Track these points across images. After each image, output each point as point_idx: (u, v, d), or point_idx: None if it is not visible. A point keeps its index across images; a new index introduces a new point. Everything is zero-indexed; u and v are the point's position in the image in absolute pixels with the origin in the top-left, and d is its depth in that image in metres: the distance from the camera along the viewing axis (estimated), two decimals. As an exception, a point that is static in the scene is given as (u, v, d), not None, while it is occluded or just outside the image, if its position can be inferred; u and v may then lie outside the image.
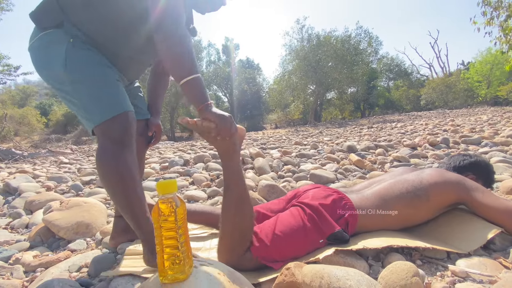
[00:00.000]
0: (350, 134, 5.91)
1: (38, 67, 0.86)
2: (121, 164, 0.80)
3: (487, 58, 18.28)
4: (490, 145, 2.99)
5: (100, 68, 0.83)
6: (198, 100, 0.78)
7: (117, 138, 0.81)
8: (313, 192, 0.99)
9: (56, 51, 0.81)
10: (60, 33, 0.82)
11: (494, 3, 5.30)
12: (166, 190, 0.53)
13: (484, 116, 7.64)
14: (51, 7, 0.84)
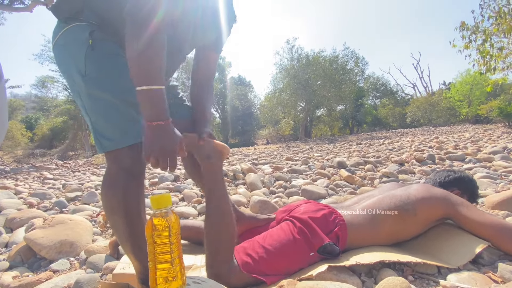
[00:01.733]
0: (339, 150, 6.00)
1: (60, 69, 0.81)
2: (129, 197, 0.74)
3: (467, 79, 19.31)
4: (473, 161, 3.10)
5: (122, 82, 0.73)
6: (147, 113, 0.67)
7: (129, 168, 0.74)
8: (304, 207, 1.00)
9: (77, 56, 0.74)
10: (81, 29, 0.75)
11: (472, 28, 5.68)
12: (160, 204, 0.53)
13: (466, 133, 7.96)
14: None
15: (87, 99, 0.75)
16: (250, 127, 21.57)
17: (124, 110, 0.74)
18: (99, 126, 0.75)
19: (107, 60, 0.75)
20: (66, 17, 0.77)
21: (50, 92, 24.62)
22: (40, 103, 23.78)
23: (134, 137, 0.75)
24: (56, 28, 0.80)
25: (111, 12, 0.77)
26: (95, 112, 0.75)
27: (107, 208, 0.78)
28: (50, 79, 17.52)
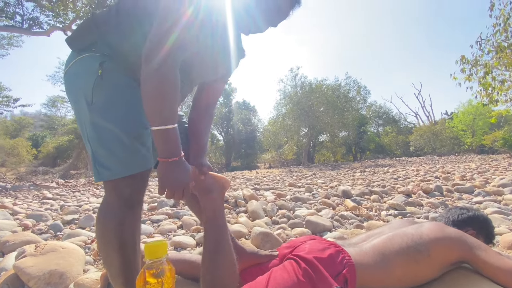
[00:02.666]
0: (343, 177, 5.90)
1: (69, 97, 0.81)
2: (125, 229, 0.73)
3: (469, 109, 19.50)
4: (483, 194, 3.02)
5: (127, 113, 0.74)
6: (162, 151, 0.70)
7: (127, 199, 0.73)
8: (309, 245, 0.93)
9: (85, 85, 0.75)
10: (92, 59, 0.76)
11: (472, 61, 5.82)
12: (154, 254, 0.48)
13: (472, 164, 7.83)
14: (87, 26, 0.80)
15: (90, 128, 0.75)
16: (253, 150, 21.59)
17: (126, 141, 0.74)
18: (99, 155, 0.74)
19: (114, 90, 0.75)
20: (80, 48, 0.79)
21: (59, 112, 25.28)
22: (49, 121, 24.31)
23: (134, 168, 0.74)
24: (69, 57, 0.82)
25: (124, 45, 0.79)
26: (97, 141, 0.74)
27: (101, 238, 0.75)
28: (61, 99, 18.06)
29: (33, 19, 8.11)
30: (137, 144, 0.75)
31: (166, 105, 0.68)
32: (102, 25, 0.78)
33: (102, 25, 0.78)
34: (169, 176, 0.69)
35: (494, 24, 5.67)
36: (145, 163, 0.77)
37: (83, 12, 8.15)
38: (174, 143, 0.70)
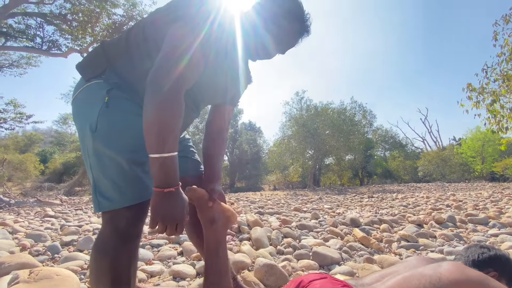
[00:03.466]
0: (350, 203, 5.73)
1: (75, 123, 0.82)
2: (120, 265, 0.70)
3: (477, 135, 19.26)
4: (498, 226, 2.88)
5: (131, 140, 0.72)
6: (157, 179, 0.66)
7: (125, 231, 0.71)
8: (320, 285, 0.86)
9: (91, 111, 0.75)
10: (99, 87, 0.76)
11: (478, 89, 5.82)
12: None
13: (484, 192, 7.57)
14: (97, 55, 0.81)
15: (92, 155, 0.74)
16: (257, 171, 21.42)
17: (127, 169, 0.72)
18: (100, 184, 0.73)
19: (119, 117, 0.75)
20: (89, 76, 0.80)
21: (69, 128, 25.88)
22: (59, 138, 24.85)
23: (133, 198, 0.72)
24: (78, 84, 0.83)
25: (133, 74, 0.79)
26: (98, 169, 0.73)
27: (94, 271, 0.72)
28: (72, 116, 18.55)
29: (53, 42, 8.57)
30: (140, 172, 0.74)
31: (167, 132, 0.65)
32: (111, 54, 0.80)
33: (111, 54, 0.80)
34: (163, 208, 0.65)
35: (499, 54, 5.73)
36: (146, 193, 0.74)
37: (100, 36, 8.59)
38: (172, 172, 0.66)
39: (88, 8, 7.76)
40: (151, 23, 0.78)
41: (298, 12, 0.88)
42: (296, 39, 0.91)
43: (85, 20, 7.79)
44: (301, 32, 0.90)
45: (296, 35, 0.90)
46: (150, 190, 0.74)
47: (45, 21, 8.11)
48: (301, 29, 0.90)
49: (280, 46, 0.90)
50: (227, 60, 0.85)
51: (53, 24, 8.16)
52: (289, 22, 0.87)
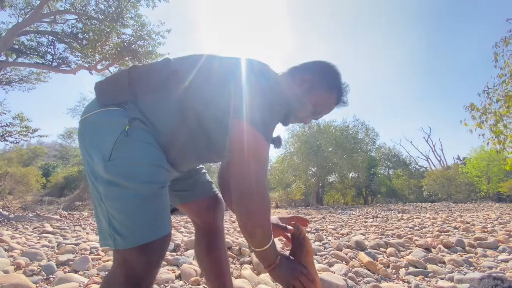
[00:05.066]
0: (355, 223, 5.59)
1: (81, 144, 0.76)
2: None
3: (482, 154, 19.07)
4: (508, 251, 2.78)
5: (147, 170, 0.69)
6: (265, 264, 0.77)
7: (140, 278, 0.65)
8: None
9: (106, 138, 0.69)
10: (119, 114, 0.72)
11: (481, 109, 5.83)
12: None
13: (491, 213, 7.36)
14: (121, 84, 0.75)
15: (103, 186, 0.68)
16: (259, 189, 21.20)
17: (145, 202, 0.67)
18: (111, 217, 0.67)
19: (138, 146, 0.70)
20: (108, 102, 0.75)
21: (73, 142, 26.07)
22: (62, 151, 24.99)
23: (151, 235, 0.66)
24: (91, 105, 0.78)
25: (157, 113, 0.75)
26: (111, 201, 0.67)
27: None
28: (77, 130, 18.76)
29: (63, 59, 8.84)
30: (157, 204, 0.69)
31: (266, 231, 0.73)
32: (137, 91, 0.76)
33: (138, 91, 0.76)
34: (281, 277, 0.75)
35: (500, 75, 5.78)
36: (165, 228, 0.70)
37: (109, 54, 8.86)
38: (272, 255, 0.76)
39: (99, 28, 8.06)
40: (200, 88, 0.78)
41: (338, 83, 0.89)
42: (331, 109, 0.93)
43: (95, 38, 8.06)
44: (338, 103, 0.92)
45: (332, 106, 0.92)
46: (168, 224, 0.71)
47: (56, 39, 8.40)
48: (338, 101, 0.91)
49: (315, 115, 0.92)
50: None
51: (64, 42, 8.45)
52: (328, 93, 0.88)
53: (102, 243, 0.70)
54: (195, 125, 0.78)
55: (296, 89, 0.86)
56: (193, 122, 0.77)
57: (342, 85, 0.90)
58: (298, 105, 0.87)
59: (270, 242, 0.74)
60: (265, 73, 0.80)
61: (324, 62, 0.90)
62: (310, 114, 0.91)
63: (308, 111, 0.89)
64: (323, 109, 0.90)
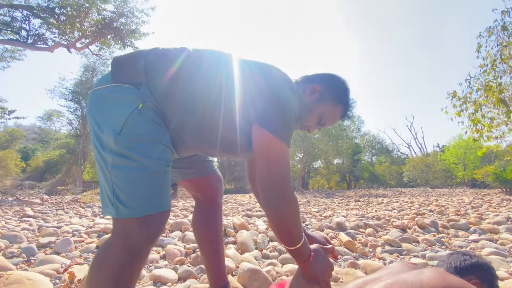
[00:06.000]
0: (337, 206, 5.79)
1: (90, 114, 0.76)
2: (123, 281, 0.67)
3: (460, 143, 19.96)
4: (478, 232, 2.96)
5: (155, 148, 0.72)
6: (299, 260, 0.80)
7: (138, 247, 0.68)
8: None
9: (119, 112, 0.71)
10: (133, 93, 0.74)
11: (462, 98, 6.02)
12: None
13: (465, 198, 7.81)
14: (137, 65, 0.77)
15: (113, 156, 0.70)
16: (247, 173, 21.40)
17: (150, 176, 0.70)
18: (119, 188, 0.69)
19: (149, 125, 0.73)
20: (122, 80, 0.76)
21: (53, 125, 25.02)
22: (42, 134, 23.95)
23: (154, 207, 0.69)
24: (105, 78, 0.78)
25: (168, 101, 0.76)
26: (118, 171, 0.69)
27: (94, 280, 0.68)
28: (57, 113, 17.96)
29: (39, 35, 8.28)
30: (162, 180, 0.72)
31: (297, 230, 0.76)
32: (152, 73, 0.76)
33: (154, 76, 0.76)
34: (312, 273, 0.80)
35: (481, 65, 5.95)
36: (166, 203, 0.72)
37: (89, 32, 8.38)
38: (305, 253, 0.79)
39: (77, 2, 7.55)
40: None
41: (345, 99, 0.92)
42: (335, 121, 0.97)
43: (73, 14, 7.58)
44: (343, 117, 0.96)
45: (336, 118, 0.95)
46: (168, 200, 0.74)
47: (31, 14, 7.82)
48: (343, 115, 0.95)
49: (318, 125, 0.95)
50: None
51: (40, 17, 7.89)
52: (336, 107, 0.92)
53: (104, 211, 0.72)
54: (204, 119, 0.79)
55: (307, 98, 0.90)
56: (202, 116, 0.79)
57: (350, 101, 0.94)
58: (307, 114, 0.90)
59: (302, 241, 0.77)
60: (288, 80, 0.83)
61: (335, 76, 0.94)
62: (315, 124, 0.94)
63: (314, 120, 0.93)
64: (328, 120, 0.94)
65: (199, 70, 0.79)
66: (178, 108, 0.77)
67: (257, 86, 0.78)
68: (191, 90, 0.77)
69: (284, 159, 0.74)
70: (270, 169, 0.73)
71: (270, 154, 0.73)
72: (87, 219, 3.60)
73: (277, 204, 0.72)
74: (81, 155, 16.38)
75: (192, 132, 0.80)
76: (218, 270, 1.01)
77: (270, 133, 0.73)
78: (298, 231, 0.76)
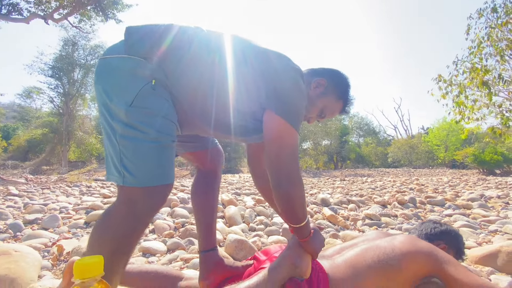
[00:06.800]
0: (324, 185, 5.98)
1: (101, 85, 0.76)
2: (124, 242, 0.70)
3: (443, 125, 20.58)
4: (453, 208, 3.15)
5: (163, 123, 0.75)
6: (300, 237, 0.85)
7: (141, 215, 0.71)
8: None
9: (131, 84, 0.73)
10: (146, 67, 0.74)
11: (448, 80, 6.12)
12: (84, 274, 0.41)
13: (444, 177, 8.22)
14: (152, 39, 0.77)
15: (123, 127, 0.71)
16: (237, 154, 21.46)
17: (157, 149, 0.73)
18: (126, 157, 0.71)
19: (159, 101, 0.74)
20: (134, 52, 0.75)
21: (34, 103, 23.91)
22: (22, 113, 22.89)
23: (158, 179, 0.72)
24: (117, 47, 0.77)
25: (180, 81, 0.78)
26: (128, 142, 0.71)
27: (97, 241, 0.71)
28: (37, 90, 17.10)
29: (13, 5, 7.64)
30: (168, 154, 0.75)
31: (303, 209, 0.81)
32: (167, 54, 0.77)
33: (167, 54, 0.77)
34: (313, 247, 0.86)
35: (469, 47, 6.01)
36: (171, 176, 0.75)
37: (68, 2, 7.82)
38: (307, 230, 0.85)
39: (52, -32, 6.96)
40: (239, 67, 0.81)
41: (346, 95, 0.98)
42: (334, 115, 1.02)
43: (49, -19, 7.00)
44: (341, 113, 1.02)
45: (336, 113, 1.01)
46: (172, 174, 0.77)
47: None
48: (342, 111, 1.01)
49: (318, 118, 1.00)
50: None
51: (11, -16, 7.25)
52: (337, 102, 0.97)
53: (109, 177, 0.75)
54: (213, 103, 0.81)
55: (312, 91, 0.94)
56: (212, 100, 0.81)
57: (350, 97, 1.00)
58: (310, 106, 0.94)
59: (306, 220, 0.83)
60: (301, 71, 0.86)
61: (340, 72, 0.99)
62: (315, 116, 0.99)
63: (316, 112, 0.97)
64: (328, 113, 0.99)
65: (208, 54, 0.80)
66: (185, 88, 0.79)
67: (274, 74, 0.81)
68: (199, 72, 0.78)
69: (295, 145, 0.79)
70: (281, 154, 0.76)
71: (282, 139, 0.77)
72: (74, 197, 3.58)
73: (286, 187, 0.76)
74: (65, 134, 15.88)
75: (195, 113, 0.83)
76: (209, 234, 1.05)
77: (285, 120, 0.77)
78: (304, 211, 0.81)
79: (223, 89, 0.81)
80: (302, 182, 0.80)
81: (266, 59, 0.83)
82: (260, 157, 1.10)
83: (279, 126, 0.78)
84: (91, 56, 16.59)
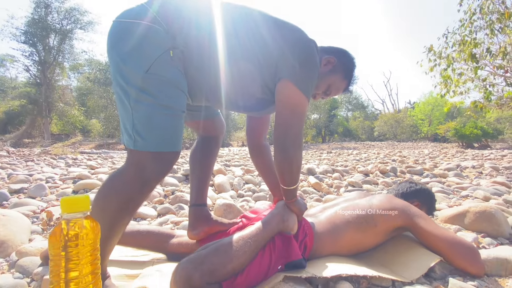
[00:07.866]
0: (311, 157, 6.13)
1: (116, 50, 0.74)
2: (130, 202, 0.73)
3: (429, 100, 20.99)
4: (430, 176, 3.34)
5: (176, 93, 0.77)
6: (288, 198, 0.94)
7: (149, 178, 0.73)
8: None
9: (149, 51, 0.73)
10: (164, 37, 0.75)
11: (437, 53, 6.12)
12: (70, 208, 0.43)
13: (426, 150, 8.59)
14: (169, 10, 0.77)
15: (138, 92, 0.72)
16: (226, 128, 21.36)
17: (170, 117, 0.75)
18: (139, 122, 0.73)
19: (175, 72, 0.77)
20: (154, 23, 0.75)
21: (8, 72, 22.39)
22: (-4, 83, 21.48)
23: (170, 145, 0.75)
24: (139, 12, 0.76)
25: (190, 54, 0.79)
26: (141, 106, 0.73)
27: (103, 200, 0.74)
28: (11, 57, 15.91)
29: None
30: (178, 123, 0.77)
31: (299, 172, 0.90)
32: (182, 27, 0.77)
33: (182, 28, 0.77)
34: (298, 207, 0.95)
35: (461, 19, 5.94)
36: (178, 144, 0.78)
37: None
38: (295, 193, 0.95)
39: None
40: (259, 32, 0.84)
41: (352, 75, 1.03)
42: (338, 93, 1.07)
43: None
44: (345, 91, 1.07)
45: (340, 91, 1.05)
46: (180, 142, 0.80)
47: None
48: (346, 89, 1.06)
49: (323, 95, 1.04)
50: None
51: None
52: (343, 81, 1.02)
53: (122, 140, 0.78)
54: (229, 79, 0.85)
55: (321, 68, 0.97)
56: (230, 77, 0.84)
57: (354, 77, 1.05)
58: (319, 82, 0.98)
59: (297, 184, 0.92)
60: (315, 43, 0.90)
61: (348, 52, 1.04)
62: (321, 93, 1.03)
63: (322, 89, 1.02)
64: (333, 91, 1.03)
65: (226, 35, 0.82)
66: (197, 66, 0.81)
67: (292, 44, 0.84)
68: (213, 48, 0.80)
69: (304, 113, 0.87)
70: (292, 120, 0.84)
71: (295, 107, 0.84)
72: (60, 169, 3.53)
73: (291, 150, 0.83)
74: (45, 106, 15.17)
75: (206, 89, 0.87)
76: (202, 190, 1.11)
77: (300, 90, 0.83)
78: (298, 174, 0.90)
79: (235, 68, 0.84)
80: (302, 147, 0.89)
81: (286, 31, 0.87)
82: (259, 129, 1.18)
83: (294, 94, 0.83)
84: (67, 20, 15.35)
